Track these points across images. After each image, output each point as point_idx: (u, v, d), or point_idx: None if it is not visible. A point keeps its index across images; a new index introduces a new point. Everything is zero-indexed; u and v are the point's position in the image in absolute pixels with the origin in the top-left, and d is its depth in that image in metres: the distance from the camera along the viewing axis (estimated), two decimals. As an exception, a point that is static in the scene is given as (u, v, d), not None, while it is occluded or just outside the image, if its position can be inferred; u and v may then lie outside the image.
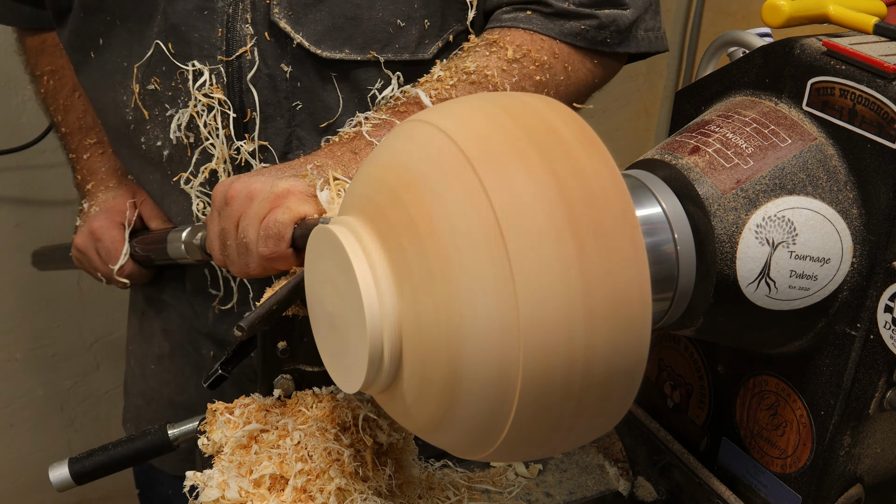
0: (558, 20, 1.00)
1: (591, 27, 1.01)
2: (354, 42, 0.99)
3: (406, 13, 0.99)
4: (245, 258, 0.86)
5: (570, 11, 1.00)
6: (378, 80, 1.01)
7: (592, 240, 0.57)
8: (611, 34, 1.02)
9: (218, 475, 0.77)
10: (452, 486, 0.90)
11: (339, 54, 0.99)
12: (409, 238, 0.59)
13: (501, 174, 0.58)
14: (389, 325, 0.60)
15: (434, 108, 0.65)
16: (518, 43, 0.99)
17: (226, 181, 0.89)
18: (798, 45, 0.74)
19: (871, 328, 0.71)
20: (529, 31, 1.00)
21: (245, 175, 0.89)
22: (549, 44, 1.00)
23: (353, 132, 0.94)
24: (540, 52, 0.99)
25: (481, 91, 0.96)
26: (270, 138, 1.02)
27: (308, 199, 0.84)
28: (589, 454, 0.98)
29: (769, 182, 0.71)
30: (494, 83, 0.96)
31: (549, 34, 1.00)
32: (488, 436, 0.61)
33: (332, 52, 0.99)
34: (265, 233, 0.83)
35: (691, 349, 0.88)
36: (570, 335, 0.56)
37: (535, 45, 0.99)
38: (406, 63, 1.02)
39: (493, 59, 0.98)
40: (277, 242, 0.82)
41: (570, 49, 1.01)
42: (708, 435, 0.88)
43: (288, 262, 0.84)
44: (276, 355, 0.82)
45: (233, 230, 0.87)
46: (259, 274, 0.87)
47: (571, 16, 1.00)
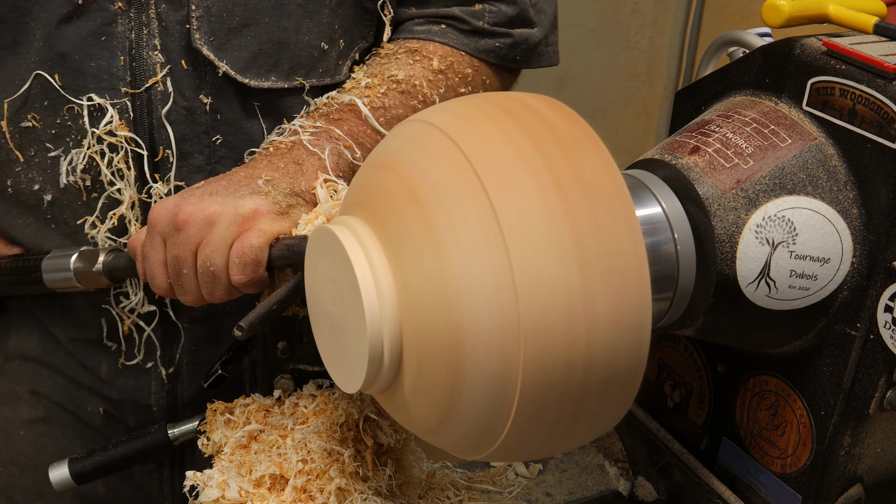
0: (473, 37, 1.00)
1: (505, 45, 1.01)
2: (280, 69, 0.92)
3: (328, 35, 0.94)
4: (211, 287, 0.80)
5: (485, 30, 1.00)
6: (302, 107, 0.95)
7: (592, 240, 0.57)
8: (521, 52, 1.03)
9: (218, 475, 0.77)
10: (452, 486, 0.90)
11: (265, 82, 0.92)
12: (410, 238, 0.59)
13: (502, 174, 0.58)
14: (389, 325, 0.60)
15: (432, 108, 0.66)
16: (441, 54, 0.98)
17: (167, 203, 0.81)
18: (798, 45, 0.74)
19: (871, 328, 0.71)
20: (444, 45, 0.99)
21: (189, 195, 0.82)
22: (467, 59, 1.00)
23: (291, 142, 0.88)
24: (461, 65, 0.99)
25: (412, 101, 0.94)
26: (188, 178, 0.92)
27: (278, 217, 0.80)
28: (589, 454, 0.98)
29: (769, 182, 0.71)
30: (424, 93, 0.95)
31: (465, 49, 1.00)
32: (488, 435, 0.61)
33: (259, 80, 0.91)
34: (241, 260, 0.78)
35: (691, 349, 0.88)
36: (571, 334, 0.56)
37: (456, 58, 0.99)
38: (327, 87, 0.96)
39: (419, 68, 0.96)
40: (255, 268, 0.78)
41: (483, 64, 1.02)
42: (708, 435, 0.88)
43: (262, 285, 0.80)
44: (276, 355, 0.82)
45: (190, 258, 0.80)
46: (223, 300, 0.82)
47: (486, 34, 1.00)
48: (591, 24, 2.37)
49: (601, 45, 2.41)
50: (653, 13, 2.45)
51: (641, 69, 2.50)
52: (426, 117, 0.64)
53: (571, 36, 2.36)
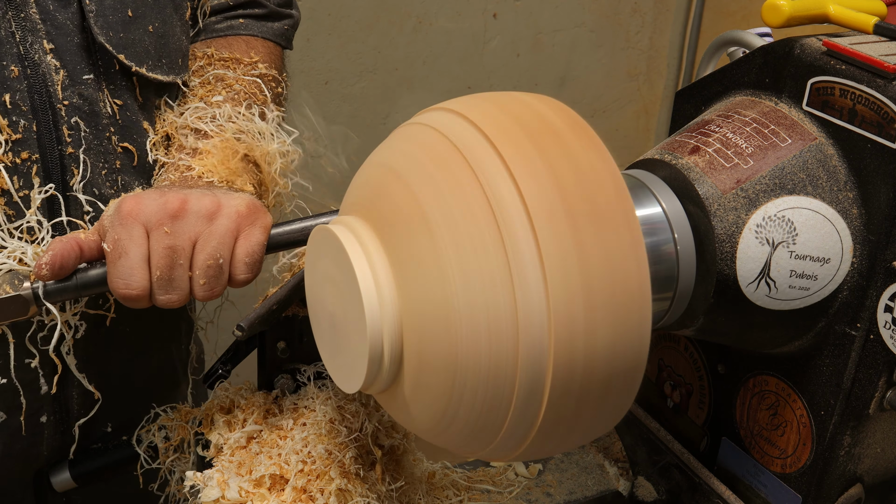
0: (269, 22, 1.03)
1: (289, 26, 1.06)
2: (162, 64, 0.90)
3: (187, 31, 0.94)
4: (214, 282, 0.76)
5: (276, 12, 1.04)
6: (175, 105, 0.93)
7: (592, 240, 0.57)
8: (293, 33, 1.07)
9: (218, 475, 0.77)
10: (452, 487, 0.90)
11: (161, 76, 0.89)
12: (410, 237, 0.59)
13: (500, 171, 0.58)
14: (389, 325, 0.60)
15: (432, 108, 0.66)
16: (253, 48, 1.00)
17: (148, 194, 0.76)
18: (798, 45, 0.74)
19: (871, 328, 0.71)
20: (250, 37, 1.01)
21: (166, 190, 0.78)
22: (269, 45, 1.03)
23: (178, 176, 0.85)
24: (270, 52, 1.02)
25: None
26: (100, 186, 0.85)
27: (267, 212, 0.80)
28: (589, 454, 0.98)
29: (769, 182, 0.71)
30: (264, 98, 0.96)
31: (265, 36, 1.02)
32: (488, 435, 0.61)
33: (155, 73, 0.89)
34: (251, 259, 0.76)
35: (691, 349, 0.88)
36: (570, 334, 0.56)
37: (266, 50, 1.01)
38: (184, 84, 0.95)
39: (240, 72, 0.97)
40: (260, 266, 0.77)
41: (278, 48, 1.05)
42: (708, 435, 0.88)
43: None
44: (276, 355, 0.82)
45: (189, 248, 0.75)
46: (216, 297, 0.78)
47: (276, 17, 1.04)
48: (591, 24, 2.37)
49: (601, 45, 2.41)
50: (653, 13, 2.45)
51: (641, 69, 2.51)
52: (424, 119, 0.64)
53: (571, 36, 2.36)
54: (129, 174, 0.89)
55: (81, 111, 0.84)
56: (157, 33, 0.88)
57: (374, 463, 0.80)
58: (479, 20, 2.22)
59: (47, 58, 0.81)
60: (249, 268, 0.77)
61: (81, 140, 0.84)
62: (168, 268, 0.74)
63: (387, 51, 2.12)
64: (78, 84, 0.83)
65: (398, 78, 2.17)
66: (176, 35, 0.92)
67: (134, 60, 0.86)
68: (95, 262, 0.76)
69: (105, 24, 0.84)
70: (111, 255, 0.74)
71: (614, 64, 2.46)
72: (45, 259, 0.73)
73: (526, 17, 2.28)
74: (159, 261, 0.74)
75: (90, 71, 0.84)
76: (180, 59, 0.93)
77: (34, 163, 0.81)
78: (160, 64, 0.89)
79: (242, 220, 0.77)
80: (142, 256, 0.74)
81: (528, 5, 2.26)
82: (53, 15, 0.81)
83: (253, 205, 0.78)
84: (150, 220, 0.74)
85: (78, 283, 0.75)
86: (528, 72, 2.34)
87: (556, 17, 2.32)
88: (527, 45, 2.31)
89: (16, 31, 0.80)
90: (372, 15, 2.07)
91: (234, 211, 0.77)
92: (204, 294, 0.76)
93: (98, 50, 0.84)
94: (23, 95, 0.80)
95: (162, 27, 0.89)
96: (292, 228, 0.81)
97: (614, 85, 2.49)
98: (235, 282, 0.77)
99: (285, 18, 1.05)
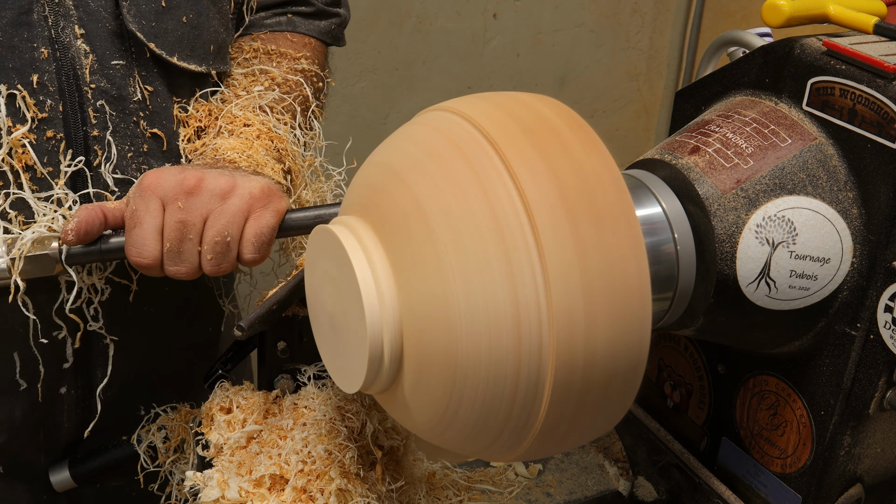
0: (316, 20, 1.06)
1: (336, 24, 1.09)
2: (197, 53, 0.92)
3: (224, 23, 0.96)
4: (220, 259, 0.78)
5: (323, 11, 1.07)
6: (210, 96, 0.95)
7: (592, 240, 0.57)
8: (341, 32, 1.10)
9: (218, 475, 0.77)
10: (452, 486, 0.90)
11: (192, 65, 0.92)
12: (410, 237, 0.59)
13: (500, 171, 0.58)
14: (389, 325, 0.60)
15: (432, 108, 0.66)
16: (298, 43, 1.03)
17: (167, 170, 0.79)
18: (798, 45, 0.74)
19: (871, 328, 0.71)
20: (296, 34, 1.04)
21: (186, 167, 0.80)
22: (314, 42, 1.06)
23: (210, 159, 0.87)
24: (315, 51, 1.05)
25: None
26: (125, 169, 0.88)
27: (285, 195, 0.82)
28: (589, 454, 0.98)
29: (769, 182, 0.71)
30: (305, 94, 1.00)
31: (311, 33, 1.06)
32: (488, 435, 0.61)
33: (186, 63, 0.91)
34: (258, 240, 0.79)
35: (691, 349, 0.88)
36: (571, 334, 0.56)
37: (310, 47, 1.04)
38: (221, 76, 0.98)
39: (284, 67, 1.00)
40: (269, 248, 0.79)
41: (322, 45, 1.07)
42: (708, 435, 0.88)
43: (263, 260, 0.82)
44: (276, 355, 0.82)
45: (199, 224, 0.78)
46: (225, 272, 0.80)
47: (323, 15, 1.07)
48: (591, 24, 2.38)
49: (601, 45, 2.41)
50: (653, 13, 2.45)
51: (641, 69, 2.51)
52: (424, 119, 0.64)
53: (571, 36, 2.36)
54: (157, 158, 0.91)
55: (108, 95, 0.87)
56: (190, 24, 0.91)
57: (374, 463, 0.80)
58: (479, 20, 2.22)
59: (77, 42, 0.85)
60: (257, 248, 0.79)
61: (107, 122, 0.87)
62: (178, 241, 0.78)
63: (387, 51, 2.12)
64: (106, 69, 0.86)
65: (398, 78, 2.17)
66: (212, 27, 0.94)
67: (165, 49, 0.89)
68: (120, 230, 0.81)
69: (137, 13, 0.87)
70: (128, 223, 0.79)
71: (614, 64, 2.46)
72: (71, 225, 0.78)
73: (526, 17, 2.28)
74: (170, 233, 0.78)
75: (121, 57, 0.87)
76: (215, 50, 0.95)
77: (59, 141, 0.85)
78: (193, 54, 0.92)
79: (255, 201, 0.80)
80: (155, 228, 0.78)
81: (528, 5, 2.26)
82: (86, 1, 0.85)
83: (268, 188, 0.81)
84: (166, 195, 0.78)
85: (101, 249, 0.80)
86: (528, 72, 2.34)
87: (556, 17, 2.32)
88: (527, 45, 2.31)
89: (48, 16, 0.83)
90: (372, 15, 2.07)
91: (247, 192, 0.79)
92: (211, 269, 0.80)
93: (130, 37, 0.87)
94: (51, 77, 0.83)
95: (196, 18, 0.91)
96: (306, 215, 0.82)
97: (614, 85, 2.49)
98: (243, 260, 0.80)
99: (333, 17, 1.08)
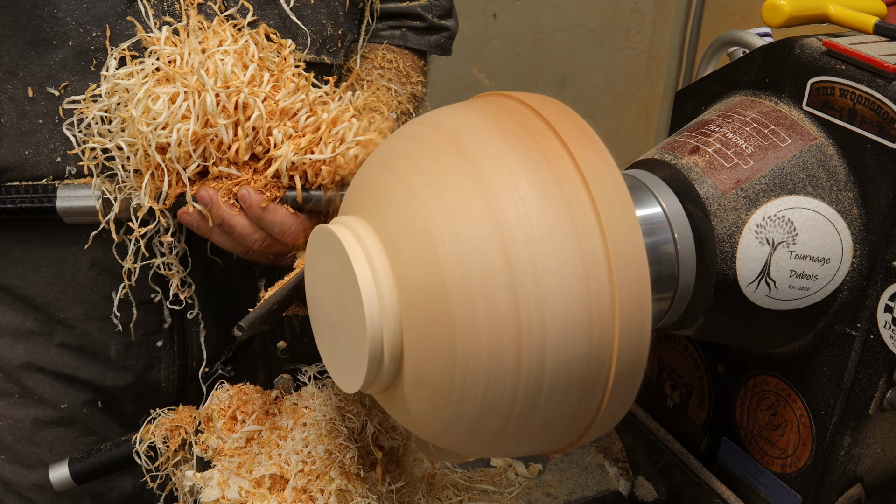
0: (427, 34, 1.10)
1: (446, 38, 1.13)
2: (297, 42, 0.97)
3: (334, 17, 0.99)
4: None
5: (436, 25, 1.11)
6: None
7: (592, 240, 0.57)
8: (450, 43, 1.14)
9: (218, 475, 0.77)
10: (452, 487, 0.90)
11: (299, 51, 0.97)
12: (409, 237, 0.59)
13: (499, 172, 0.58)
14: (389, 325, 0.60)
15: (437, 111, 0.66)
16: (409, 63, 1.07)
17: None
18: (798, 45, 0.74)
19: (871, 328, 0.71)
20: (403, 49, 1.08)
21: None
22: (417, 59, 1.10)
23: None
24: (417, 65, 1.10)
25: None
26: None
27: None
28: (589, 454, 0.98)
29: (769, 182, 0.71)
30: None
31: (422, 47, 1.10)
32: (489, 435, 0.61)
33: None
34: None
35: (691, 349, 0.88)
36: (571, 336, 0.56)
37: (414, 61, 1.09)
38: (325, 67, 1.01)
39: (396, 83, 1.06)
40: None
41: (421, 61, 1.11)
42: (708, 435, 0.88)
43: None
44: (276, 355, 0.82)
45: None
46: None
47: (435, 29, 1.11)
48: (591, 24, 2.38)
49: (601, 45, 2.42)
50: (653, 13, 2.45)
51: (641, 69, 2.51)
52: (427, 119, 0.64)
53: (571, 36, 2.36)
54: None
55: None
56: (294, 13, 0.93)
57: (374, 463, 0.80)
58: (479, 20, 2.22)
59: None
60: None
61: None
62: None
63: (387, 51, 2.12)
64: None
65: (398, 78, 2.16)
66: (315, 18, 0.96)
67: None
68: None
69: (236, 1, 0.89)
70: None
71: (614, 64, 2.46)
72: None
73: (526, 17, 2.28)
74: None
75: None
76: (319, 40, 0.97)
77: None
78: (287, 35, 0.94)
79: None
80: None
81: (528, 5, 2.26)
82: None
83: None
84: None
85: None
86: (528, 72, 2.34)
87: (556, 17, 2.32)
88: (527, 45, 2.31)
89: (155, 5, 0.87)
90: (372, 15, 2.07)
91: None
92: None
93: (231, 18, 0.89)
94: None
95: (299, 8, 0.94)
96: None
97: (614, 85, 2.49)
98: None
99: (443, 31, 1.12)
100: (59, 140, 0.88)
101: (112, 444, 0.90)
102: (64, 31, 0.84)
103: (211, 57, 0.83)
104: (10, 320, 0.97)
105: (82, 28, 0.84)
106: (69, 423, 1.02)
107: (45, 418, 1.01)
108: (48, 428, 1.01)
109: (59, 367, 0.99)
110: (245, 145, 0.83)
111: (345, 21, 1.01)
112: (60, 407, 1.01)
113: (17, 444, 1.01)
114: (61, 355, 0.98)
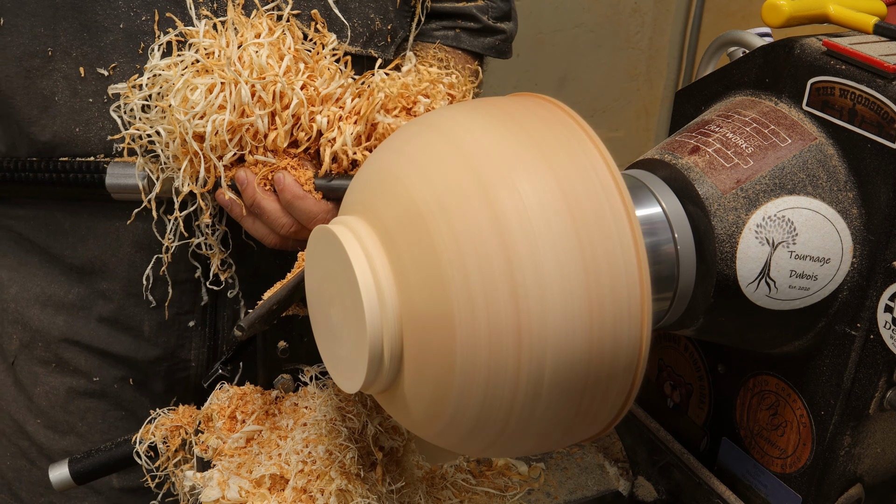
0: (481, 36, 1.08)
1: (501, 41, 1.11)
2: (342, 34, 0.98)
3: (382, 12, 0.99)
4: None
5: (489, 27, 1.08)
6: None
7: (592, 240, 0.57)
8: (507, 46, 1.12)
9: (218, 475, 0.77)
10: (452, 487, 0.90)
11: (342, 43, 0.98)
12: (409, 236, 0.59)
13: (499, 171, 0.58)
14: (389, 325, 0.60)
15: (435, 111, 0.66)
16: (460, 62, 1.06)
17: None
18: (798, 45, 0.74)
19: (871, 328, 0.71)
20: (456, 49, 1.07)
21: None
22: (474, 60, 1.09)
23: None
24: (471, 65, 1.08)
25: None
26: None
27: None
28: (589, 454, 0.98)
29: (769, 182, 0.71)
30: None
31: (476, 49, 1.08)
32: (490, 434, 0.61)
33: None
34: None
35: (691, 349, 0.88)
36: (571, 333, 0.56)
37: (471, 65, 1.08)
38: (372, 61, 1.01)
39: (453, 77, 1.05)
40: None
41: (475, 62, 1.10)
42: (708, 435, 0.88)
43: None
44: (276, 355, 0.82)
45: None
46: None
47: (489, 31, 1.09)
48: (591, 24, 2.37)
49: (601, 45, 2.41)
50: (653, 13, 2.45)
51: (641, 69, 2.51)
52: (427, 121, 0.64)
53: (571, 36, 2.36)
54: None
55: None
56: (339, 6, 0.94)
57: (374, 464, 0.80)
58: (479, 20, 2.21)
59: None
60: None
61: None
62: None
63: (387, 51, 2.12)
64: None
65: (398, 78, 2.16)
66: (362, 12, 0.96)
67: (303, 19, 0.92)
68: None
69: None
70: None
71: (614, 64, 2.46)
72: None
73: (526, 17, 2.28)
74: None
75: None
76: (364, 30, 0.97)
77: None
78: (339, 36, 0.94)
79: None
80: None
81: (528, 5, 2.26)
82: None
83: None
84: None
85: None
86: (528, 72, 2.34)
87: (556, 17, 2.32)
88: (527, 45, 2.31)
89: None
90: (372, 15, 2.07)
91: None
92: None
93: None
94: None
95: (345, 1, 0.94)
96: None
97: (614, 85, 2.49)
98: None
99: (499, 34, 1.10)
100: (107, 119, 0.91)
101: (112, 444, 0.90)
102: (116, 14, 0.88)
103: (246, 49, 0.85)
104: (55, 292, 1.00)
105: (133, 12, 0.88)
106: (101, 396, 1.05)
107: (78, 388, 1.04)
108: (81, 398, 1.04)
109: (95, 342, 1.02)
110: (283, 132, 0.86)
111: (395, 17, 1.00)
112: (93, 380, 1.04)
113: (51, 411, 1.04)
114: (98, 329, 1.01)
